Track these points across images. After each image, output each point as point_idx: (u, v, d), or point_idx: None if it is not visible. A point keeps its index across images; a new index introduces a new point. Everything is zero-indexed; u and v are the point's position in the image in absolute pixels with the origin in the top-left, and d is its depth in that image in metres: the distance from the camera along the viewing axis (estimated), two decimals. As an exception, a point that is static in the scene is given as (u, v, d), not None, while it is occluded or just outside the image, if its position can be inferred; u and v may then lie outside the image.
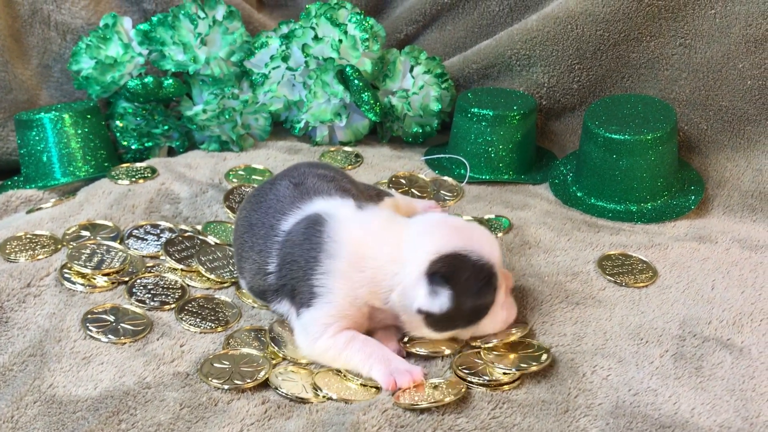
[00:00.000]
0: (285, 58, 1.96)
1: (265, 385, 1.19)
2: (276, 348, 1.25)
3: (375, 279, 1.20)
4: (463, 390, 1.15)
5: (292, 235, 1.27)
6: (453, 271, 1.17)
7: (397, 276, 1.19)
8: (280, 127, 2.05)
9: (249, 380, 1.18)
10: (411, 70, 1.99)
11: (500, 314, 1.24)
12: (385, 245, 1.21)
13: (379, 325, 1.26)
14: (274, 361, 1.24)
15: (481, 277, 1.19)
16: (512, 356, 1.21)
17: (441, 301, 1.16)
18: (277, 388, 1.18)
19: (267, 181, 1.44)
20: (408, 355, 1.24)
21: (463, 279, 1.17)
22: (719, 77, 1.79)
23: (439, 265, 1.17)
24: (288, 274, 1.25)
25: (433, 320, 1.19)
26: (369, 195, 1.47)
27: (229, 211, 1.64)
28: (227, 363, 1.22)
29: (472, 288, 1.18)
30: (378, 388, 1.17)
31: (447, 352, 1.23)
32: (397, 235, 1.22)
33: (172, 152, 1.97)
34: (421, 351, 1.23)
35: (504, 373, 1.18)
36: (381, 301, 1.21)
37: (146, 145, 1.92)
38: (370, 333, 1.25)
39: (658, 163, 1.69)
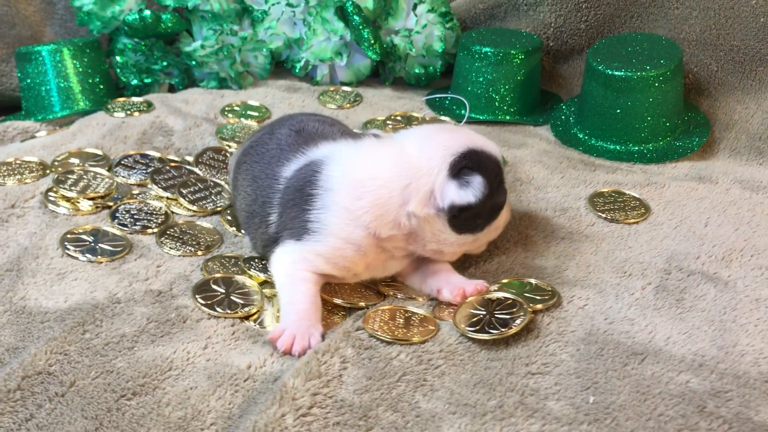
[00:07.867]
0: (285, -5, 1.93)
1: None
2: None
3: (379, 201, 1.15)
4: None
5: (292, 180, 1.23)
6: (477, 163, 1.18)
7: (409, 187, 1.16)
8: (281, 68, 2.03)
9: (239, 311, 1.17)
10: (414, 9, 1.95)
11: (506, 213, 1.28)
12: (385, 162, 1.18)
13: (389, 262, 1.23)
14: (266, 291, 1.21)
15: (499, 169, 1.22)
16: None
17: (474, 189, 1.16)
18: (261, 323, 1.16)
19: (265, 131, 1.39)
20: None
21: (488, 169, 1.19)
22: (731, 15, 1.71)
23: (463, 160, 1.18)
24: (286, 219, 1.21)
25: (459, 221, 1.18)
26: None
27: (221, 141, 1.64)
28: (222, 288, 1.21)
29: (495, 179, 1.20)
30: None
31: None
32: (396, 150, 1.20)
33: (172, 90, 1.96)
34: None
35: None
36: (390, 226, 1.16)
37: (145, 81, 1.92)
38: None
39: (661, 102, 1.63)
